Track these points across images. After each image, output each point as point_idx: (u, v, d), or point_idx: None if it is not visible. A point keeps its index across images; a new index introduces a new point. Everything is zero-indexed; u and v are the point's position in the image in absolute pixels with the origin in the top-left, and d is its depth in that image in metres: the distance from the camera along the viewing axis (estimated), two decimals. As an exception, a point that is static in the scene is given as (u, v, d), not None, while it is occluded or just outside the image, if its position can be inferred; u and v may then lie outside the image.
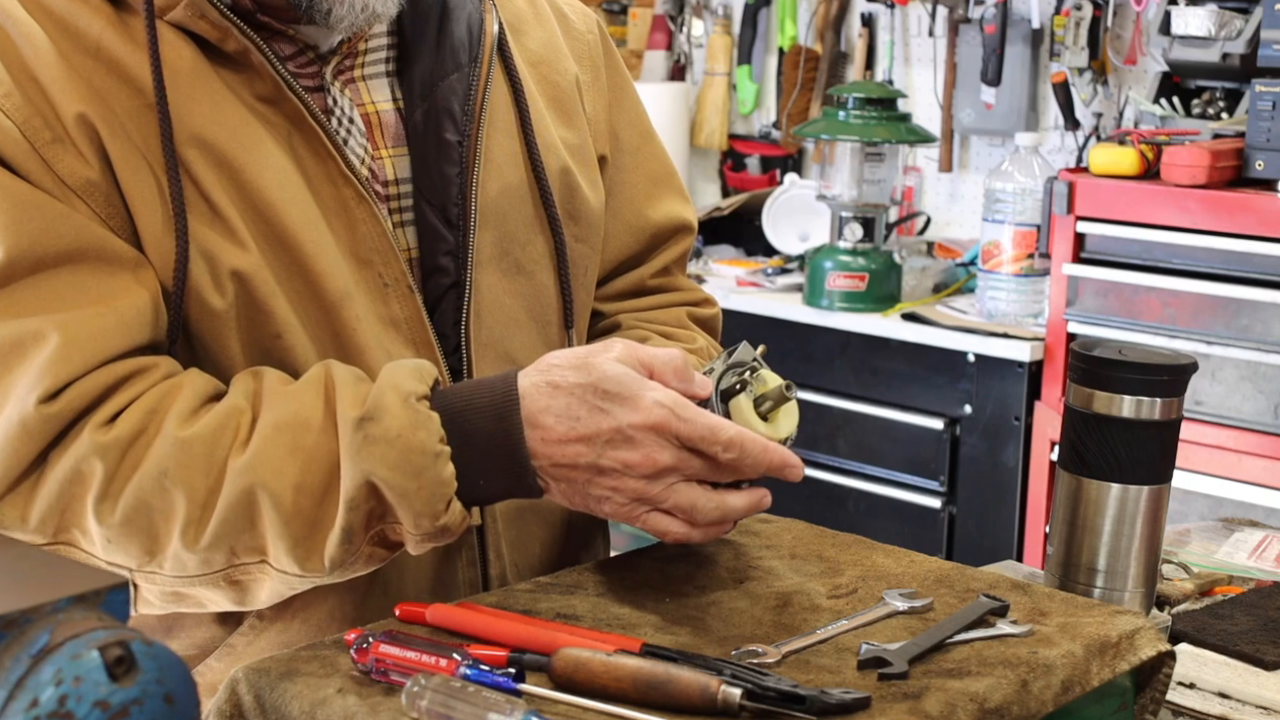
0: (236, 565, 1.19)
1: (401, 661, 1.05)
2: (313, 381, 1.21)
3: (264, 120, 1.27)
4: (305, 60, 1.33)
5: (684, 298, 1.62)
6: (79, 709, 0.77)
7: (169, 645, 0.84)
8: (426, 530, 1.18)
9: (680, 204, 1.62)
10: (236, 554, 1.18)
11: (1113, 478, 1.36)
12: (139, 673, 0.79)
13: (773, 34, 4.52)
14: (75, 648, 0.78)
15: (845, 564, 1.32)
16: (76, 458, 1.17)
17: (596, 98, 1.55)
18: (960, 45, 4.08)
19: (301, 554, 1.18)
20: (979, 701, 1.05)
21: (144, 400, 1.19)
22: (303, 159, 1.29)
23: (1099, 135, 3.83)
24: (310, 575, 1.19)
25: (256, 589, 1.21)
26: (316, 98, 1.33)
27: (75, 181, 1.21)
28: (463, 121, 1.36)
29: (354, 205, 1.30)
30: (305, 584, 1.22)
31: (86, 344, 1.18)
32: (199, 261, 1.23)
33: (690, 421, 1.17)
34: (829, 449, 3.64)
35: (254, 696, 1.08)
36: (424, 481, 1.16)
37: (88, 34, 1.24)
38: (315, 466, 1.17)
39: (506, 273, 1.40)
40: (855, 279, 3.61)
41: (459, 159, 1.36)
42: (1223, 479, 3.09)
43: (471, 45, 1.39)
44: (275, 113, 1.28)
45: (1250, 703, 1.30)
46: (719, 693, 1.01)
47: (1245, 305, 3.06)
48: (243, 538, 1.17)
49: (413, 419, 1.17)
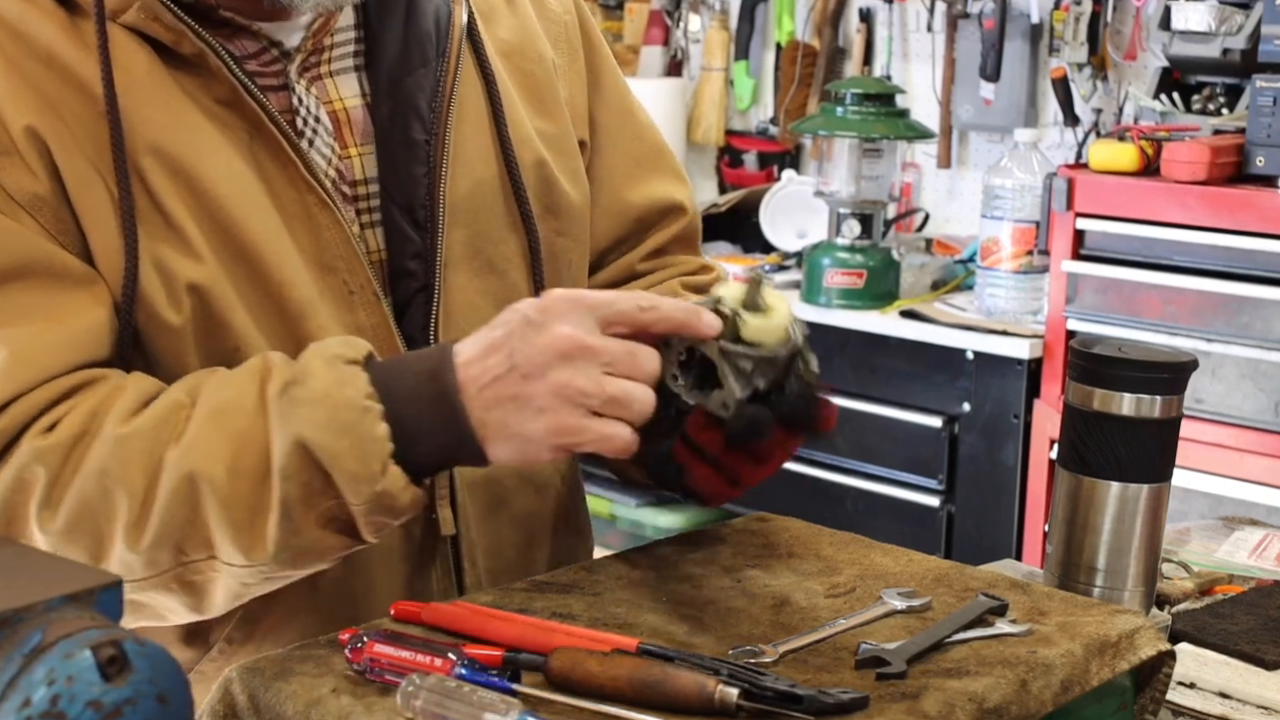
0: (185, 564, 1.17)
1: (396, 661, 1.05)
2: (250, 368, 1.19)
3: (223, 125, 1.24)
4: (269, 59, 1.30)
5: (677, 270, 1.57)
6: (71, 709, 0.76)
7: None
8: (368, 499, 1.14)
9: (670, 183, 1.57)
10: (183, 550, 1.16)
11: (1112, 476, 1.35)
12: (132, 672, 0.78)
13: (770, 29, 4.51)
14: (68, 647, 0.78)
15: (843, 563, 1.31)
16: (18, 466, 1.15)
17: (574, 81, 1.50)
18: (959, 41, 4.08)
19: (245, 543, 1.15)
20: (978, 701, 1.05)
21: (86, 403, 1.17)
22: (263, 164, 1.26)
23: (1098, 131, 3.82)
24: (257, 564, 1.16)
25: (210, 589, 1.19)
26: (279, 97, 1.29)
27: (23, 197, 1.18)
28: (429, 119, 1.33)
29: (317, 211, 1.27)
30: (259, 579, 1.19)
31: (34, 360, 1.16)
32: (152, 276, 1.21)
33: (598, 294, 1.15)
34: (827, 447, 3.63)
35: (248, 696, 1.08)
36: (355, 438, 1.13)
37: (38, 40, 1.21)
38: (250, 448, 1.14)
39: (478, 272, 1.37)
40: (853, 276, 3.60)
41: (426, 158, 1.33)
42: (1223, 477, 3.08)
43: (439, 38, 1.35)
44: (235, 116, 1.25)
45: (1251, 702, 1.29)
46: (716, 692, 1.01)
47: (1246, 302, 3.05)
48: (186, 531, 1.15)
49: (338, 377, 1.15)
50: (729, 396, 1.14)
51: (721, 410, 1.14)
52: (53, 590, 0.82)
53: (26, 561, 0.88)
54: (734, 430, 1.14)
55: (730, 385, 1.14)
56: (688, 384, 1.15)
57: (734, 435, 1.15)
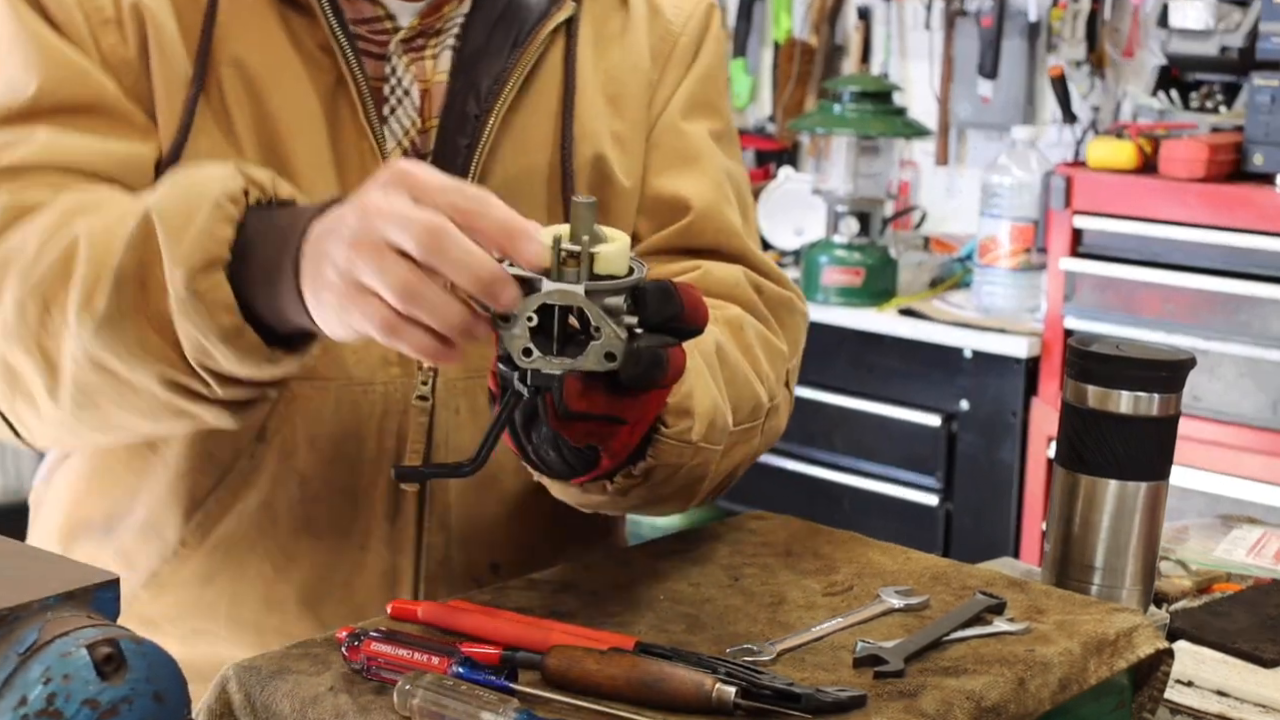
0: (45, 325, 1.18)
1: (393, 659, 1.05)
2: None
3: (314, 68, 1.31)
4: (380, 28, 1.35)
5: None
6: (68, 707, 0.76)
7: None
8: (180, 288, 1.10)
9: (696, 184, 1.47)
10: (48, 309, 1.17)
11: (1110, 474, 1.35)
12: (128, 671, 0.78)
13: (768, 26, 4.51)
14: (64, 646, 0.78)
15: (841, 561, 1.31)
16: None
17: (667, 96, 1.48)
18: (957, 38, 4.08)
19: (82, 299, 1.15)
20: (976, 700, 1.05)
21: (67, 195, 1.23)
22: (340, 117, 1.32)
23: (1096, 129, 3.82)
24: (83, 329, 1.15)
25: (60, 363, 1.18)
26: (375, 65, 1.35)
27: (114, 58, 1.29)
28: (487, 97, 1.36)
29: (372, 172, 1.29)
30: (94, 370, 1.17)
31: (67, 151, 1.25)
32: (198, 157, 1.27)
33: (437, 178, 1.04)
34: (824, 445, 3.63)
35: (244, 695, 1.08)
36: (198, 228, 1.11)
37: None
38: (125, 219, 1.16)
39: None
40: (851, 274, 3.60)
41: (472, 132, 1.36)
42: (1221, 475, 3.09)
43: (525, 26, 1.38)
44: (327, 64, 1.32)
45: (1249, 700, 1.29)
46: (714, 691, 1.00)
47: (1244, 301, 3.05)
48: (55, 287, 1.16)
49: (221, 174, 1.14)
50: (611, 344, 0.99)
51: (606, 363, 0.99)
52: (49, 589, 0.82)
53: (23, 560, 0.88)
54: (633, 376, 1.01)
55: (609, 331, 0.99)
56: (549, 352, 1.00)
57: (633, 381, 1.02)
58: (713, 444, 1.24)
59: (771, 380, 1.37)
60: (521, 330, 0.99)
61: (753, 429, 1.34)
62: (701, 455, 1.22)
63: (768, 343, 1.40)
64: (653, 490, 1.21)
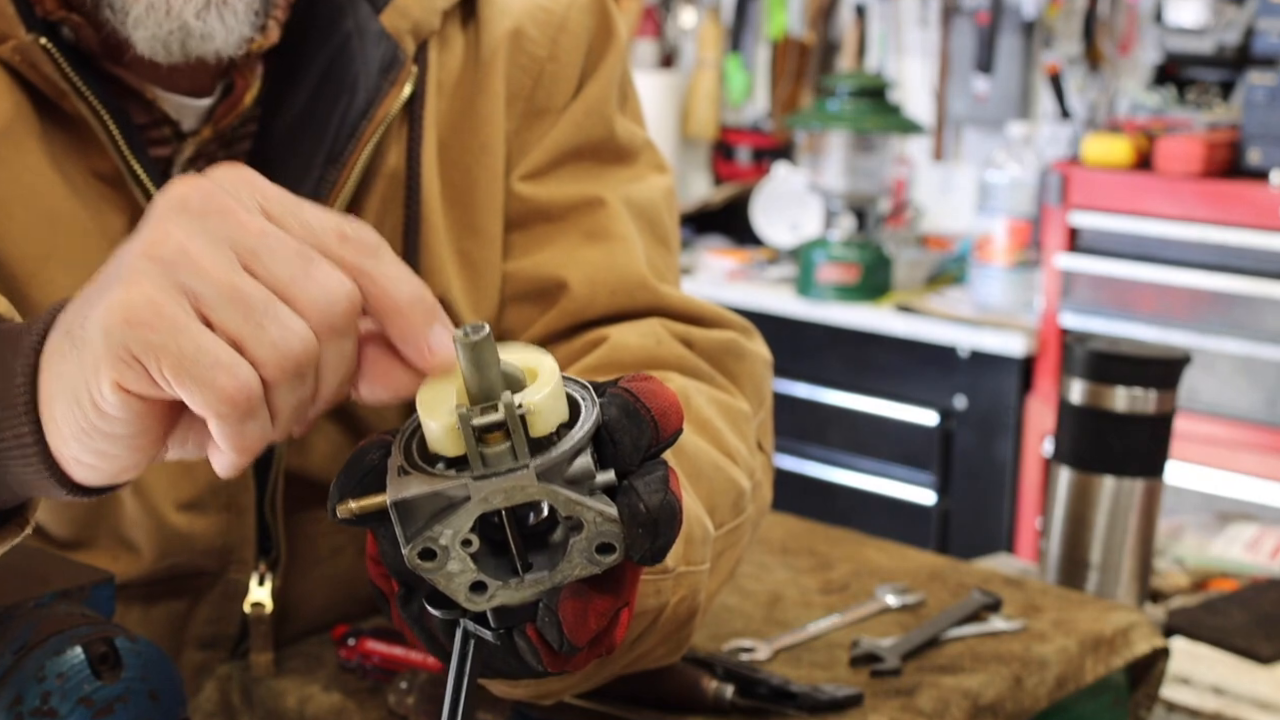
0: None
1: (389, 658, 1.05)
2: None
3: (99, 200, 1.03)
4: (161, 136, 1.07)
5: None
6: (63, 706, 0.76)
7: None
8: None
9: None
10: None
11: (1107, 471, 1.35)
12: (123, 669, 0.78)
13: (763, 23, 4.51)
14: (59, 644, 0.78)
15: (837, 559, 1.31)
16: None
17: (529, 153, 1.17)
18: (952, 34, 4.07)
19: None
20: (972, 698, 1.05)
21: None
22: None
23: (1093, 126, 3.82)
24: None
25: None
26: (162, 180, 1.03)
27: None
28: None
29: None
30: None
31: None
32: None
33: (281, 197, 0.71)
34: (820, 442, 3.63)
35: (241, 692, 1.08)
36: None
37: None
38: None
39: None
40: (846, 270, 3.60)
41: None
42: (1217, 472, 3.09)
43: (346, 123, 1.07)
44: (114, 195, 1.03)
45: (1245, 698, 1.29)
46: (710, 689, 1.00)
47: (1240, 298, 3.05)
48: None
49: None
50: (603, 532, 0.67)
51: (603, 559, 0.67)
52: (43, 587, 0.82)
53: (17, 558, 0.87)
54: (652, 552, 0.68)
55: (592, 515, 0.66)
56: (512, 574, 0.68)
57: (656, 556, 0.69)
58: (696, 564, 0.94)
59: (744, 454, 1.05)
60: (460, 563, 0.66)
61: (739, 527, 1.04)
62: (687, 583, 0.93)
63: (724, 408, 1.08)
64: (634, 649, 0.92)
